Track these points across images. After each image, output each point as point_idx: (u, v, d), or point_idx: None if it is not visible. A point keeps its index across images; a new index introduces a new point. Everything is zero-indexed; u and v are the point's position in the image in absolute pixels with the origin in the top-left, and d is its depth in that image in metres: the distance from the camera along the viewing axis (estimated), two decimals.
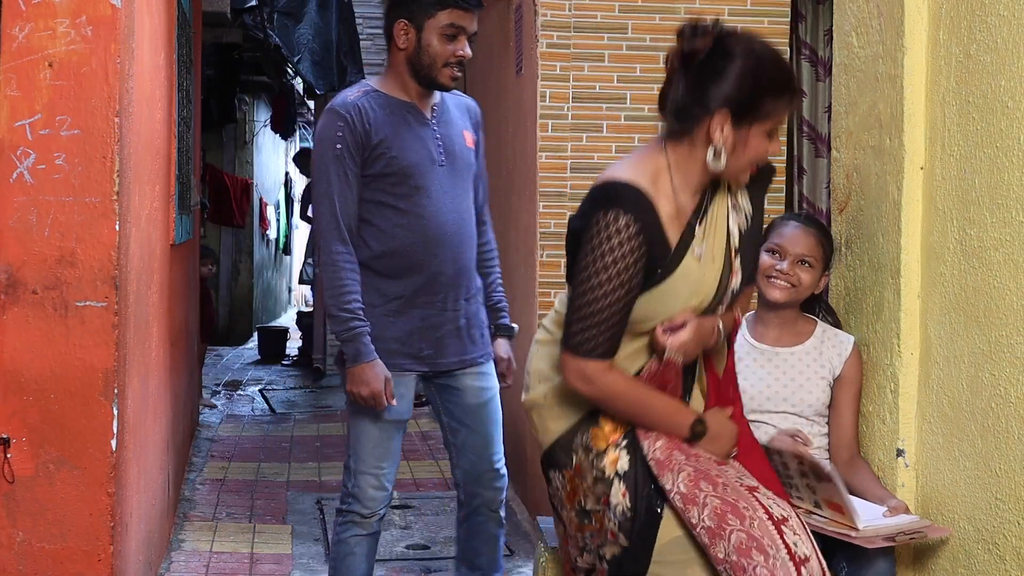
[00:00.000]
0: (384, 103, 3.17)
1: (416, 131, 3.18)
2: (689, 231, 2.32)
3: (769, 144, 2.29)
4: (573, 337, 2.29)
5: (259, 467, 6.26)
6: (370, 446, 3.22)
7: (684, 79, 2.26)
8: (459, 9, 3.10)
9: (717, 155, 2.24)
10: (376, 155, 3.13)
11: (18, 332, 2.96)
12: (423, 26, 3.11)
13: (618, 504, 2.35)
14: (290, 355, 11.31)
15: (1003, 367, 2.43)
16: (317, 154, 3.17)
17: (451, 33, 3.10)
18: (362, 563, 3.29)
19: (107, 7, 2.97)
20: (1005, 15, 2.44)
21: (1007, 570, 2.41)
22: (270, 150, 15.46)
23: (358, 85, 3.27)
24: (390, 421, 3.22)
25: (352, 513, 3.26)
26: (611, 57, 5.17)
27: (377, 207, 3.16)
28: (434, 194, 3.18)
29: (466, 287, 3.27)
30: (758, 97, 2.23)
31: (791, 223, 2.96)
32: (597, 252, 2.22)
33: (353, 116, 3.11)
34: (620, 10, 5.13)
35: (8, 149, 2.95)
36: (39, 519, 2.99)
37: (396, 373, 3.18)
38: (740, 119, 2.23)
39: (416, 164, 3.16)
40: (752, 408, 2.93)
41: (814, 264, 2.90)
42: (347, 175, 3.12)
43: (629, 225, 2.21)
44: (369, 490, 3.23)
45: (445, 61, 3.11)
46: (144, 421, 3.69)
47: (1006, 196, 2.43)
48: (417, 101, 3.21)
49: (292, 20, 9.03)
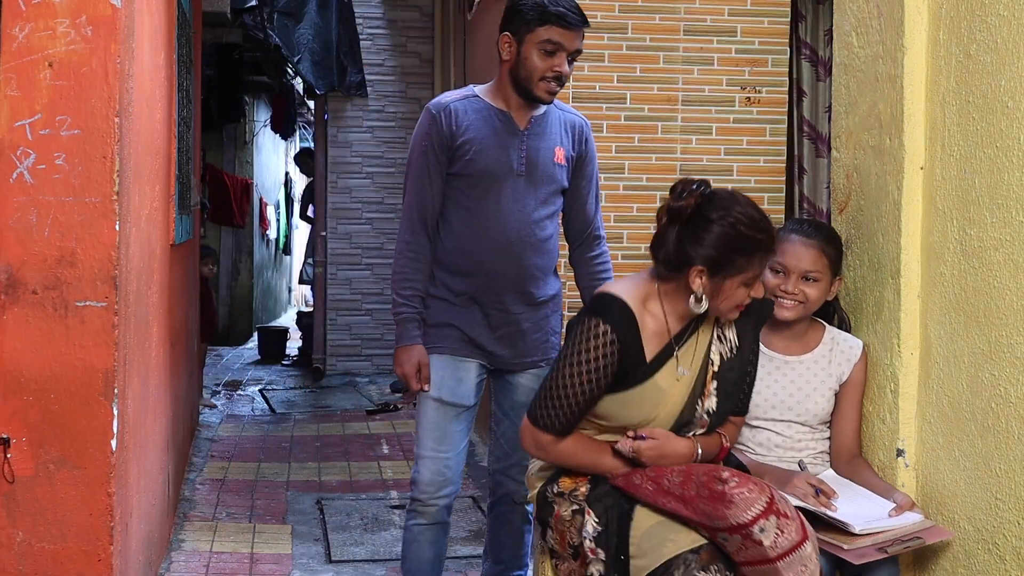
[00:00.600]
0: (480, 108, 3.32)
1: (502, 139, 3.30)
2: (668, 351, 2.62)
3: (748, 291, 2.56)
4: (536, 410, 2.65)
5: (259, 467, 6.27)
6: (429, 429, 3.35)
7: (674, 233, 2.55)
8: (558, 27, 3.19)
9: (698, 301, 2.55)
10: (458, 155, 3.28)
11: (18, 332, 2.96)
12: (524, 40, 3.22)
13: (588, 523, 2.59)
14: (290, 355, 11.31)
15: (1003, 367, 2.43)
16: (411, 149, 3.37)
17: (550, 49, 3.20)
18: (427, 550, 3.38)
19: (107, 7, 2.97)
20: (1005, 15, 2.44)
21: (1007, 570, 2.41)
22: (270, 150, 15.46)
23: (463, 89, 3.41)
24: (449, 404, 3.34)
25: (415, 501, 3.38)
26: (611, 57, 5.17)
27: (453, 205, 3.33)
28: (504, 201, 3.29)
29: (532, 293, 3.38)
30: (730, 258, 2.51)
31: (792, 237, 2.87)
32: (576, 349, 2.56)
33: (442, 117, 3.28)
34: (620, 10, 5.13)
35: (8, 149, 2.95)
36: (39, 519, 2.99)
37: (458, 359, 3.34)
38: (715, 274, 2.52)
39: (492, 170, 3.28)
40: (756, 415, 2.90)
41: (819, 277, 2.84)
42: (429, 171, 3.30)
43: (607, 333, 2.54)
44: (427, 474, 3.34)
45: (542, 75, 3.22)
46: (144, 421, 3.69)
47: (1006, 196, 2.43)
48: (514, 111, 3.33)
49: (292, 20, 9.03)
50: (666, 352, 2.62)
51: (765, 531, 2.35)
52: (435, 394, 3.33)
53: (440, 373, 3.33)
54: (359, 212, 9.69)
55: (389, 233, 9.59)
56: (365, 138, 9.69)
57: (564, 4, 3.20)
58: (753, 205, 2.55)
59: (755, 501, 2.36)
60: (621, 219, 5.18)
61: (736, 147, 5.26)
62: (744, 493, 2.37)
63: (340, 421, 7.71)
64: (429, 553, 3.39)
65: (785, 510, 2.38)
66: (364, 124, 9.71)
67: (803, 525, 2.40)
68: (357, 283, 9.73)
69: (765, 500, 2.37)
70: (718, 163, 5.20)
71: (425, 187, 3.31)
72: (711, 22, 5.18)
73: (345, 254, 9.70)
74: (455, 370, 3.33)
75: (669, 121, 5.22)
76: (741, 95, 5.23)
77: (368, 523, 5.10)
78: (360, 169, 9.69)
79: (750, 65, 5.22)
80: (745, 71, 5.23)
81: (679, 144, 5.20)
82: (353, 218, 9.69)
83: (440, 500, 3.34)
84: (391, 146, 9.70)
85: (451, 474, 3.34)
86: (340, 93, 9.48)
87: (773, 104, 5.26)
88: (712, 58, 5.21)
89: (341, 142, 9.70)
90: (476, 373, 3.37)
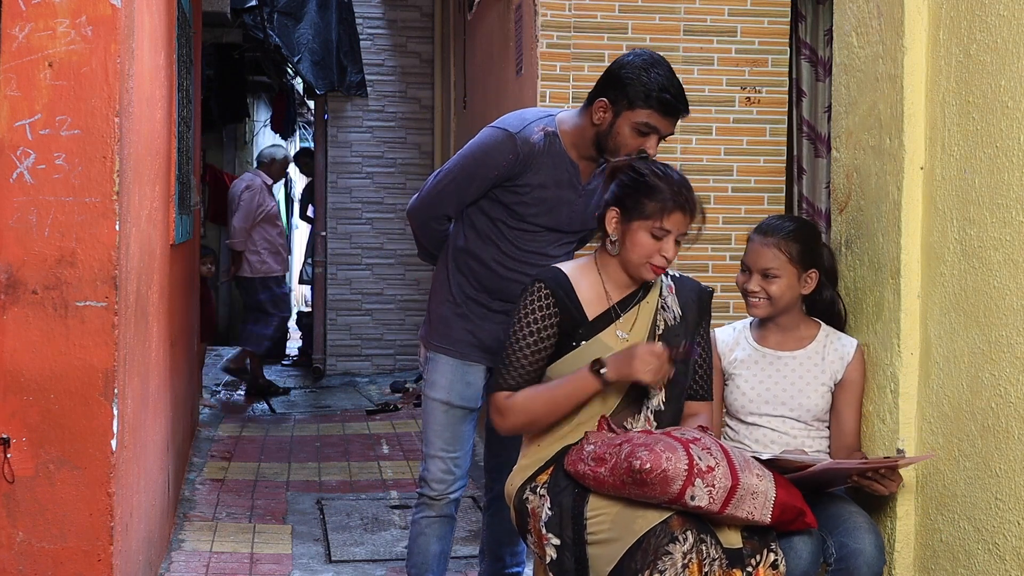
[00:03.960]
0: (556, 153, 3.20)
1: (563, 193, 3.24)
2: (612, 313, 2.82)
3: (656, 245, 2.74)
4: (495, 379, 2.83)
5: (259, 467, 6.26)
6: (438, 430, 3.38)
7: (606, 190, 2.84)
8: (659, 113, 3.05)
9: (612, 243, 2.80)
10: (517, 187, 3.21)
11: (18, 332, 2.96)
12: (621, 113, 3.08)
13: (543, 509, 2.68)
14: (290, 355, 11.30)
15: (1003, 367, 2.43)
16: (475, 159, 3.24)
17: (645, 131, 3.06)
18: (433, 543, 3.42)
19: (107, 7, 2.97)
20: (1005, 15, 2.44)
21: (1007, 570, 2.41)
22: None
23: (546, 120, 3.25)
24: (457, 407, 3.37)
25: (423, 496, 3.43)
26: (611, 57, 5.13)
27: (488, 222, 3.28)
28: (540, 242, 3.30)
29: None
30: (635, 198, 2.75)
31: (753, 237, 2.98)
32: (519, 312, 2.82)
33: (524, 153, 3.16)
34: (620, 10, 5.13)
35: (8, 149, 2.95)
36: (39, 519, 2.99)
37: (465, 362, 3.35)
38: (625, 217, 2.77)
39: (544, 222, 3.26)
40: (750, 411, 2.94)
41: (778, 273, 2.91)
42: (480, 190, 3.24)
43: (542, 289, 2.80)
44: (438, 473, 3.38)
45: (628, 152, 3.06)
46: (144, 421, 3.69)
47: (1006, 196, 2.43)
48: (581, 162, 3.23)
49: (292, 20, 9.03)
50: (609, 315, 2.82)
51: (696, 496, 2.46)
52: (444, 397, 3.36)
53: (449, 376, 3.35)
54: (359, 212, 9.69)
55: (389, 233, 9.60)
56: (365, 138, 9.68)
57: (672, 90, 3.04)
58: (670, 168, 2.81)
59: (674, 475, 2.45)
60: None
61: (736, 147, 5.25)
62: (659, 472, 2.45)
63: (340, 421, 7.71)
64: (436, 547, 3.42)
65: (707, 464, 2.47)
66: (364, 124, 9.71)
67: (730, 465, 2.50)
68: (357, 283, 9.72)
69: (684, 468, 2.45)
70: (718, 163, 5.20)
71: (464, 199, 3.27)
72: (711, 22, 5.18)
73: (345, 254, 9.70)
74: (464, 374, 3.36)
75: None
76: (741, 95, 5.23)
77: (368, 523, 5.10)
78: (360, 169, 9.69)
79: (750, 65, 5.22)
80: (745, 71, 5.23)
81: (679, 144, 5.19)
82: (353, 218, 9.68)
83: (450, 495, 3.41)
84: (391, 146, 9.70)
85: (460, 471, 3.41)
86: (340, 93, 9.48)
87: (773, 104, 5.26)
88: (712, 58, 5.21)
89: (341, 142, 9.70)
90: (483, 376, 3.39)
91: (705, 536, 2.50)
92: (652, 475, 2.45)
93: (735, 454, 2.56)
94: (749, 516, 2.52)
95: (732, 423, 3.02)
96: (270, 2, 8.85)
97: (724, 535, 2.54)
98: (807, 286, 2.94)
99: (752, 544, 2.55)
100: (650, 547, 2.48)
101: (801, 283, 2.93)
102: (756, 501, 2.51)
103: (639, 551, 2.49)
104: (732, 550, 2.52)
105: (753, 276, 2.93)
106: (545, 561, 2.67)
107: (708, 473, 2.46)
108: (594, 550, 2.58)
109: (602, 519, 2.59)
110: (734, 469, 2.49)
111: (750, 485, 2.50)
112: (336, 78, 9.32)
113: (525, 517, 2.77)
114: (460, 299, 3.34)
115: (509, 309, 3.29)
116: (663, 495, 2.48)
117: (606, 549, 2.55)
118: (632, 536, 2.52)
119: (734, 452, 2.56)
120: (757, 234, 2.97)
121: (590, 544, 2.59)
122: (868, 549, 2.66)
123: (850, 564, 2.67)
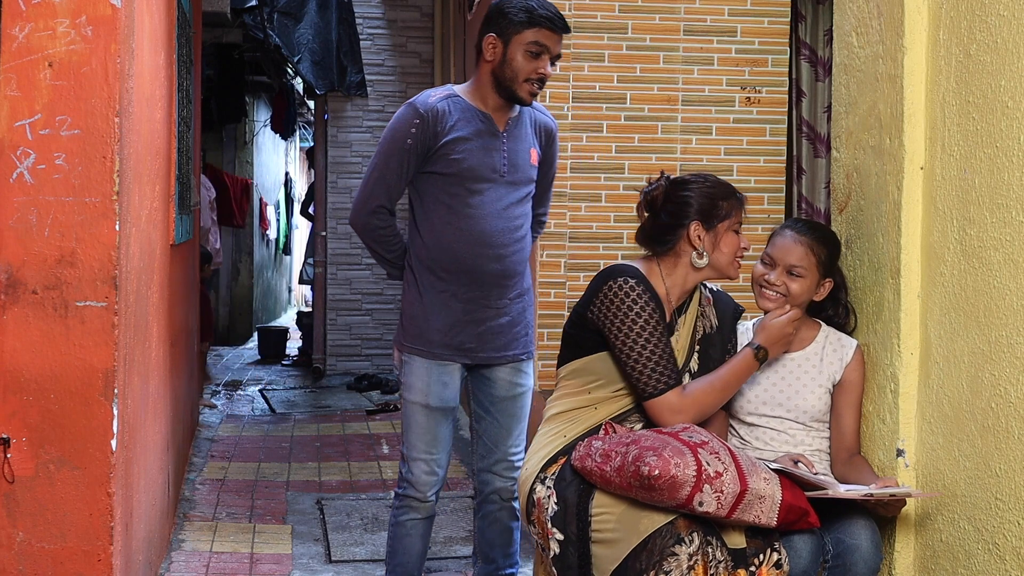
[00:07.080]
0: (463, 108, 3.35)
1: (485, 141, 3.34)
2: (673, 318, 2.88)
3: (738, 238, 2.85)
4: (644, 389, 2.75)
5: (259, 467, 6.26)
6: (419, 433, 3.41)
7: (655, 218, 2.89)
8: (546, 29, 3.25)
9: (700, 255, 2.83)
10: (440, 154, 3.31)
11: (18, 332, 2.96)
12: (510, 41, 3.27)
13: (550, 503, 2.69)
14: (290, 355, 11.31)
15: (1003, 367, 2.43)
16: (387, 139, 3.36)
17: (535, 51, 3.26)
18: (417, 543, 3.49)
19: (107, 7, 2.97)
20: (1005, 15, 2.44)
21: (1007, 570, 2.41)
22: (270, 150, 15.46)
23: (443, 88, 3.44)
24: (437, 409, 3.40)
25: (408, 498, 3.46)
26: (611, 57, 5.17)
27: (433, 203, 3.36)
28: (487, 202, 3.35)
29: (512, 287, 3.43)
30: (716, 203, 2.83)
31: (785, 231, 2.95)
32: (622, 313, 2.76)
33: (430, 117, 3.30)
34: (620, 10, 5.13)
35: (8, 149, 2.95)
36: (39, 519, 2.99)
37: (440, 363, 3.37)
38: (708, 223, 2.83)
39: (477, 171, 3.33)
40: (749, 411, 2.94)
41: (804, 273, 2.89)
42: (402, 168, 3.33)
43: (636, 286, 2.76)
44: (422, 475, 3.42)
45: (526, 77, 3.27)
46: (144, 421, 3.69)
47: (1006, 196, 2.43)
48: (493, 113, 3.37)
49: (292, 20, 9.03)
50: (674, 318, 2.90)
51: (705, 503, 2.45)
52: (422, 400, 3.39)
53: (425, 379, 3.38)
54: None
55: None
56: (365, 138, 9.68)
57: (550, 8, 3.27)
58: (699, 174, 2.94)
59: (682, 481, 2.45)
60: (621, 219, 5.18)
61: (736, 147, 5.26)
62: (668, 478, 2.45)
63: (340, 421, 7.71)
64: (420, 546, 3.49)
65: (716, 470, 2.47)
66: (364, 124, 9.71)
67: (739, 469, 2.49)
68: (357, 283, 9.73)
69: (692, 474, 2.45)
70: (718, 163, 5.20)
71: (393, 181, 3.34)
72: (711, 22, 5.18)
73: (345, 254, 9.70)
74: (440, 375, 3.38)
75: (669, 121, 5.23)
76: (741, 95, 5.23)
77: (368, 523, 5.10)
78: (360, 169, 9.68)
79: (750, 65, 5.23)
80: (745, 71, 5.23)
81: (679, 144, 5.20)
82: None
83: (432, 496, 3.45)
84: None
85: (442, 471, 3.45)
86: (340, 93, 9.48)
87: (773, 104, 5.26)
88: (712, 58, 5.21)
89: (341, 142, 9.70)
90: (459, 375, 3.42)
91: (711, 538, 2.50)
92: (660, 481, 2.45)
93: (743, 457, 2.55)
94: (756, 519, 2.52)
95: (733, 423, 3.02)
96: (270, 2, 8.85)
97: (728, 535, 2.54)
98: (820, 293, 2.93)
99: (756, 544, 2.55)
100: (656, 548, 2.48)
101: (817, 289, 2.93)
102: (763, 505, 2.51)
103: (644, 551, 2.49)
104: (736, 550, 2.52)
105: (777, 269, 2.91)
106: (548, 555, 2.67)
107: (716, 479, 2.46)
108: (598, 548, 2.58)
109: (607, 517, 2.58)
110: (742, 474, 2.49)
111: (758, 489, 2.50)
112: (336, 78, 9.32)
113: (532, 507, 2.77)
114: (428, 295, 3.37)
115: (477, 296, 3.36)
116: (671, 500, 2.48)
117: (610, 548, 2.55)
118: (637, 536, 2.51)
119: (742, 455, 2.56)
120: (791, 230, 2.94)
121: (594, 542, 2.59)
122: (865, 545, 2.66)
123: (847, 560, 2.67)
